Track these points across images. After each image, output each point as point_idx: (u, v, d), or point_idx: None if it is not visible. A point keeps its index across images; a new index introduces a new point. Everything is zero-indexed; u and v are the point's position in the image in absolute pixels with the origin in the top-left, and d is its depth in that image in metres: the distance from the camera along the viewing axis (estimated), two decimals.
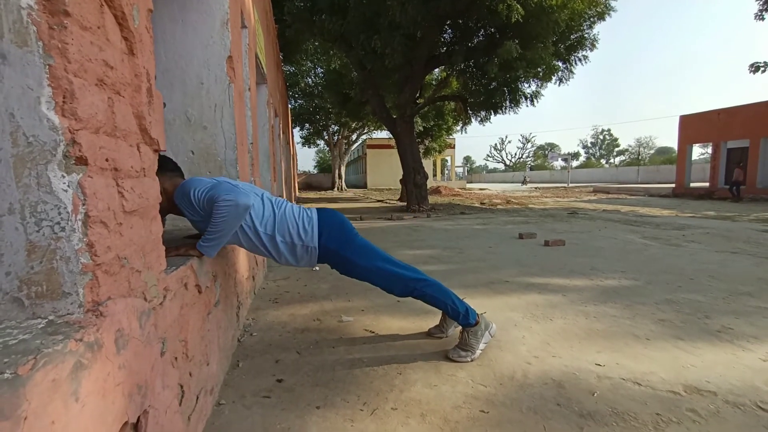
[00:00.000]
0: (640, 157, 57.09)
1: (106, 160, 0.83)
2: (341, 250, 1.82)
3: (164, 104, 2.11)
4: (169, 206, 1.63)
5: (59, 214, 0.72)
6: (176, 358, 1.17)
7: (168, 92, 2.30)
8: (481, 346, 1.91)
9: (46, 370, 0.60)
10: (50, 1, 0.69)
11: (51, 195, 0.72)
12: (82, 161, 0.75)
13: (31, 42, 0.68)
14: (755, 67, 12.46)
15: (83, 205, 0.75)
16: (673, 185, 18.64)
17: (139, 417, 0.90)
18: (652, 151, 64.75)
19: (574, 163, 62.09)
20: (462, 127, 13.21)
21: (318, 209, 1.89)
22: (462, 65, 9.67)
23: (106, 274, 0.81)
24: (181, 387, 1.20)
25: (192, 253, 1.50)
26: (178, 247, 1.51)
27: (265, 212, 1.73)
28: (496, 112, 10.25)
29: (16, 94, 0.68)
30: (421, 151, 15.33)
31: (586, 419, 1.40)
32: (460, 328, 1.98)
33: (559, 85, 10.02)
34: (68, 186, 0.73)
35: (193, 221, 1.66)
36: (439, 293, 1.92)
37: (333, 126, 24.25)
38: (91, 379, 0.71)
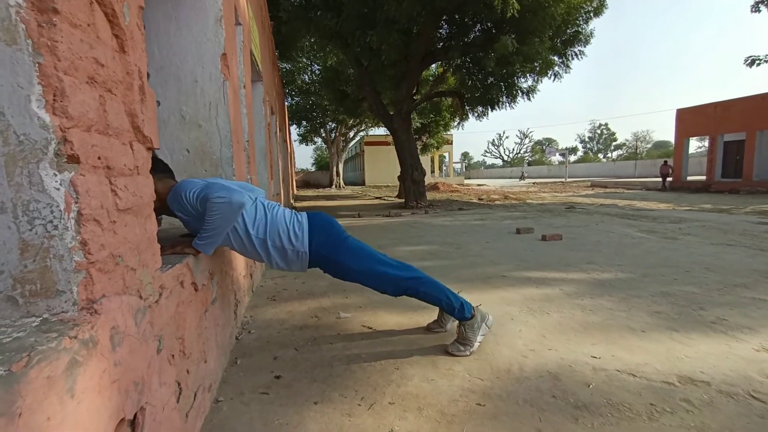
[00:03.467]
0: (637, 152, 57.12)
1: (99, 158, 0.83)
2: (332, 254, 1.81)
3: (158, 102, 2.10)
4: (160, 207, 1.61)
5: (52, 212, 0.72)
6: (173, 356, 1.17)
7: (162, 90, 2.29)
8: (479, 338, 1.92)
9: (40, 367, 0.61)
10: None
11: (43, 193, 0.72)
12: (73, 159, 0.75)
13: (20, 40, 0.68)
14: (751, 61, 12.47)
15: (76, 203, 0.75)
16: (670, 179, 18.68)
17: (135, 414, 0.91)
18: (649, 145, 64.80)
19: (572, 158, 62.18)
20: (459, 123, 13.19)
21: (309, 213, 1.88)
22: (458, 61, 9.66)
23: (100, 271, 0.81)
24: (179, 384, 1.20)
25: (188, 251, 1.50)
26: (173, 245, 1.51)
27: (257, 215, 1.72)
28: (493, 108, 10.25)
29: (6, 93, 0.68)
30: (419, 147, 15.31)
31: (581, 410, 1.42)
32: (457, 322, 2.00)
33: (555, 80, 10.01)
34: (60, 184, 0.73)
35: (186, 222, 1.65)
36: (433, 289, 1.93)
37: (330, 123, 24.17)
38: (86, 375, 0.71)
